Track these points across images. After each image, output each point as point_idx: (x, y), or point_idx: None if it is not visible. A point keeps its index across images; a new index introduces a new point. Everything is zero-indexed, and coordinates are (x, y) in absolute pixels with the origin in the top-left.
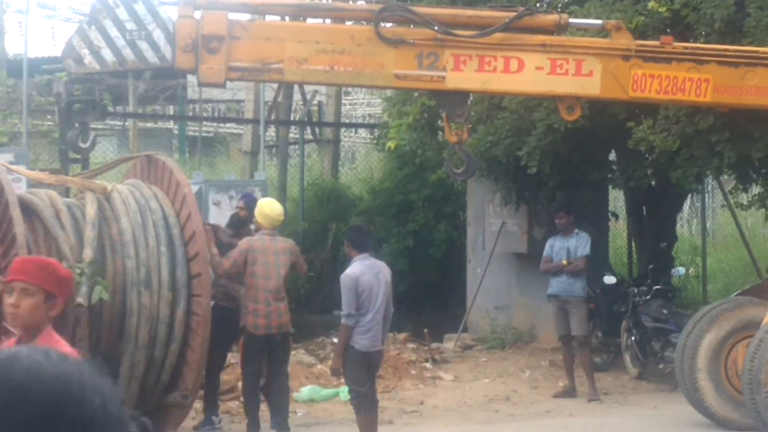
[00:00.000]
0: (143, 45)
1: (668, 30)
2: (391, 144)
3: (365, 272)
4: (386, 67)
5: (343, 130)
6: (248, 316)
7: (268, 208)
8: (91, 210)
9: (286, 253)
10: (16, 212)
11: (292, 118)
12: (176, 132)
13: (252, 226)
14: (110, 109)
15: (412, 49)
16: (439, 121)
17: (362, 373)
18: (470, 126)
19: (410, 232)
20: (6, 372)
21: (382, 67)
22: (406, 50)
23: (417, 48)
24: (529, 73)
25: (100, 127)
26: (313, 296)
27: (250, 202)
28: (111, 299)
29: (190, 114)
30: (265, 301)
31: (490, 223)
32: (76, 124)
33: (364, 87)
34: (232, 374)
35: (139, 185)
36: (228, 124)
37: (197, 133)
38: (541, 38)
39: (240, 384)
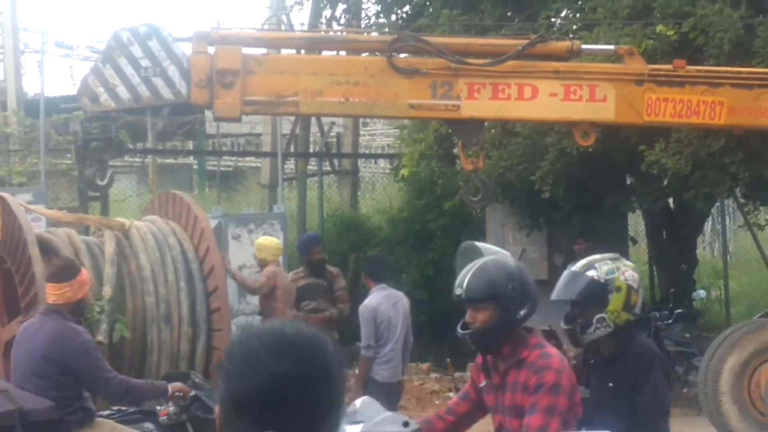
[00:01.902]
0: (158, 81)
1: (677, 53)
2: (404, 172)
3: (383, 302)
4: (400, 98)
5: (362, 160)
6: None
7: (269, 242)
8: (109, 247)
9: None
10: (35, 251)
11: (310, 150)
12: (196, 167)
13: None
14: (129, 146)
15: (425, 79)
16: (455, 150)
17: (384, 403)
18: (485, 153)
19: (429, 261)
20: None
21: (397, 98)
22: (420, 80)
23: (431, 78)
24: (544, 100)
25: (119, 164)
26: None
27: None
28: (131, 336)
29: (209, 149)
30: None
31: (511, 251)
32: (90, 162)
33: (379, 117)
34: None
35: (157, 221)
36: (247, 158)
37: (213, 168)
38: (554, 65)
39: None
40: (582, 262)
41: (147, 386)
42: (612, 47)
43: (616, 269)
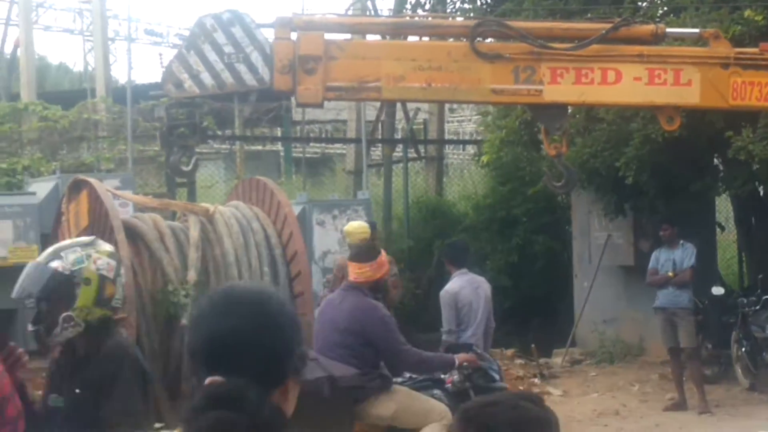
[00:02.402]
0: (241, 68)
1: (765, 39)
2: (485, 158)
3: (464, 287)
4: (483, 83)
5: (450, 147)
6: None
7: (352, 228)
8: (194, 232)
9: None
10: (120, 236)
11: (395, 137)
12: (283, 154)
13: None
14: (214, 132)
15: (508, 64)
16: (540, 135)
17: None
18: (569, 138)
19: (514, 248)
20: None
21: (479, 83)
22: (503, 65)
23: (513, 62)
24: (627, 84)
25: (206, 151)
26: (420, 314)
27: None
28: None
29: (296, 136)
30: None
31: (596, 237)
32: (175, 148)
33: (461, 102)
34: None
35: (240, 206)
36: (335, 145)
37: (302, 154)
38: (638, 49)
39: None
40: (48, 250)
41: (437, 357)
42: (697, 30)
43: (86, 257)
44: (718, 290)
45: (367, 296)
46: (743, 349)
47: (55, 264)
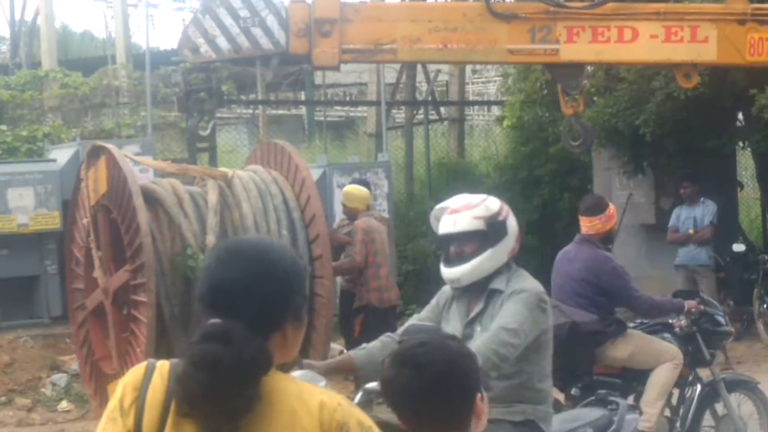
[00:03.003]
0: (257, 32)
1: None
2: (506, 122)
3: None
4: (499, 43)
5: (475, 108)
6: (373, 293)
7: (356, 189)
8: (212, 196)
9: (385, 228)
10: (138, 201)
11: (416, 99)
12: (305, 117)
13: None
14: (236, 96)
15: (524, 24)
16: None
17: None
18: (586, 98)
19: (536, 207)
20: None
21: (495, 43)
22: (519, 25)
23: (529, 22)
24: (644, 42)
25: (227, 115)
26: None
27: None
28: None
29: (319, 99)
30: (387, 276)
31: (617, 195)
32: (192, 113)
33: (477, 63)
34: None
35: (259, 170)
36: (359, 107)
37: (323, 118)
38: (654, 6)
39: None
40: None
41: (667, 303)
42: None
43: None
44: (739, 247)
45: (599, 248)
46: (765, 306)
47: None
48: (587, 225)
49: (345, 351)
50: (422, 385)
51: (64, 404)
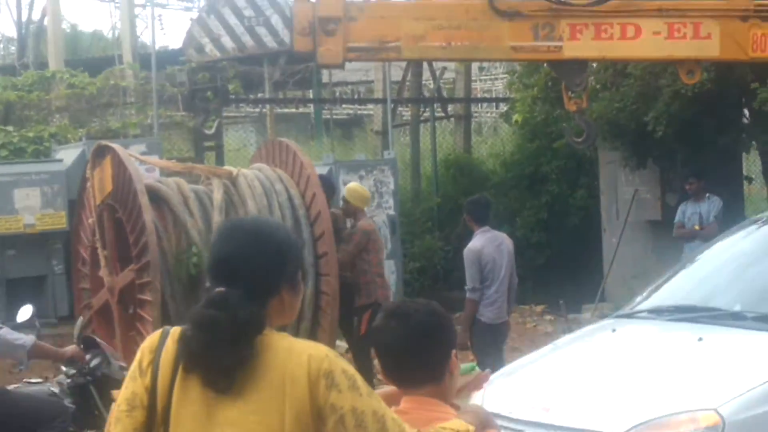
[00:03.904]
0: (262, 31)
1: None
2: (517, 117)
3: (487, 245)
4: (502, 40)
5: (483, 105)
6: (381, 290)
7: (362, 189)
8: (217, 195)
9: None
10: (144, 200)
11: (423, 96)
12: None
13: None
14: (242, 95)
15: (527, 21)
16: None
17: (490, 344)
18: (589, 94)
19: (543, 204)
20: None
21: (498, 41)
22: (521, 22)
23: (532, 19)
24: (647, 39)
25: (234, 114)
26: (449, 272)
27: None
28: None
29: (326, 98)
30: (384, 274)
31: (623, 192)
32: (197, 112)
33: (481, 61)
34: None
35: (264, 168)
36: (368, 105)
37: (334, 116)
38: (657, 3)
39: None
40: None
41: None
42: None
43: None
44: None
45: None
46: None
47: None
48: None
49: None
50: (407, 332)
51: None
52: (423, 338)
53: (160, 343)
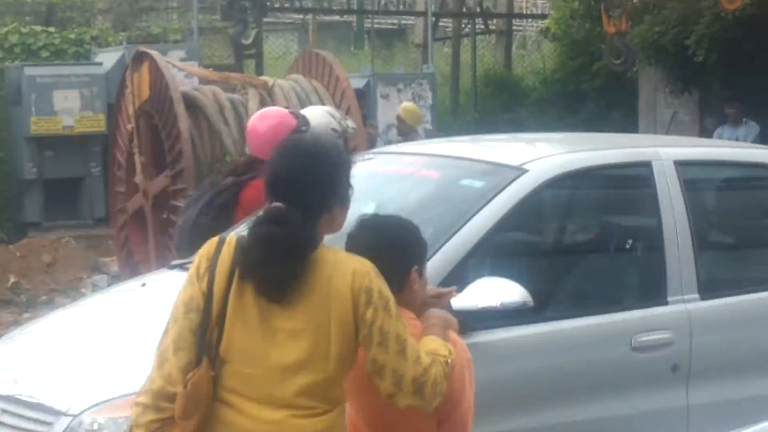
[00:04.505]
0: None
1: None
2: (552, 27)
3: None
4: None
5: (529, 20)
6: None
7: (417, 109)
8: (253, 105)
9: None
10: (180, 108)
11: (464, 10)
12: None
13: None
14: (281, 4)
15: None
16: None
17: None
18: (629, 17)
19: (581, 122)
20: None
21: None
22: None
23: None
24: None
25: (275, 21)
26: None
27: None
28: None
29: (369, 7)
30: None
31: (662, 113)
32: (235, 21)
33: None
34: None
35: (300, 80)
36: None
37: (377, 26)
38: None
39: None
40: None
41: None
42: None
43: None
44: None
45: None
46: None
47: None
48: None
49: None
50: (373, 243)
51: None
52: (387, 249)
53: (216, 251)
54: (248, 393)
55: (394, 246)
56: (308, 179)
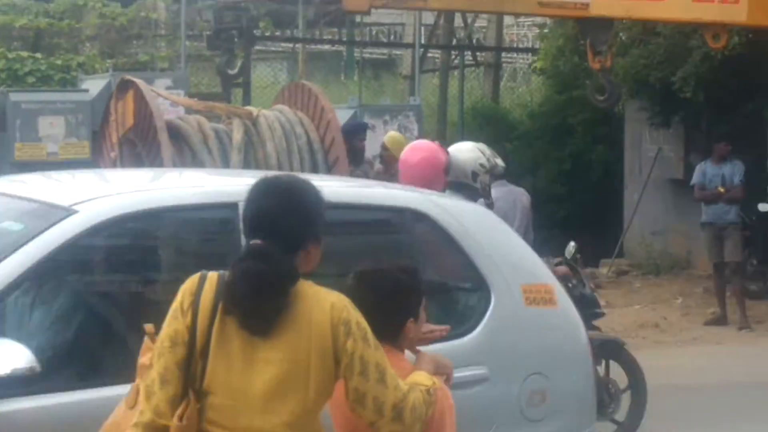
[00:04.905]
0: None
1: None
2: (539, 63)
3: (500, 198)
4: None
5: (516, 53)
6: None
7: (403, 138)
8: (237, 135)
9: None
10: (163, 137)
11: (453, 42)
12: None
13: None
14: (271, 33)
15: None
16: None
17: None
18: (614, 53)
19: (567, 156)
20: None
21: None
22: None
23: None
24: (675, 0)
25: (263, 49)
26: None
27: None
28: None
29: (358, 38)
30: None
31: (647, 149)
32: (222, 51)
33: (507, 14)
34: None
35: (285, 110)
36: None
37: (367, 56)
38: None
39: None
40: None
41: None
42: None
43: None
44: (764, 206)
45: None
46: None
47: None
48: None
49: None
50: (371, 297)
51: None
52: (381, 306)
53: (198, 287)
54: (230, 425)
55: (390, 302)
56: (288, 217)
